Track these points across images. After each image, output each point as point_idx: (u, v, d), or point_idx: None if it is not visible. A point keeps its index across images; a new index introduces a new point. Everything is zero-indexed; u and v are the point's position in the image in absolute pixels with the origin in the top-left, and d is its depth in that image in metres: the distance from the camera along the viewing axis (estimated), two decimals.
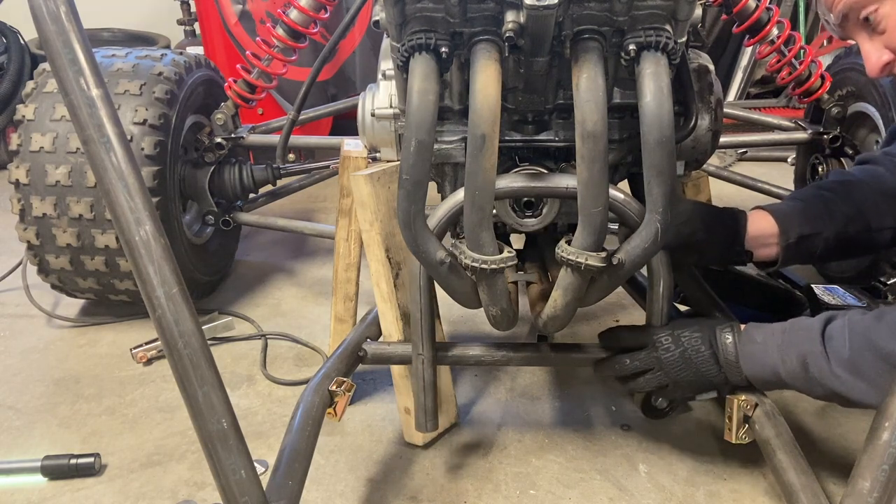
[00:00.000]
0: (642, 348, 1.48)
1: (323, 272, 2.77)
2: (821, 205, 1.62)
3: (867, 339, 1.28)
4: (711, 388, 1.46)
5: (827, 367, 1.32)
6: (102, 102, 1.01)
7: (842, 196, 1.62)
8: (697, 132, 1.48)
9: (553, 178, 1.35)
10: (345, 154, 1.78)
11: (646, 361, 1.47)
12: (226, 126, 2.43)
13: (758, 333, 1.42)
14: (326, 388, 1.47)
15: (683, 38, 1.26)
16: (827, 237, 1.59)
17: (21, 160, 2.10)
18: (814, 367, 1.33)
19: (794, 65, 2.32)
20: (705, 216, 1.59)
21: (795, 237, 1.59)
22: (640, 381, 1.49)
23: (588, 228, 1.25)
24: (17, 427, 1.87)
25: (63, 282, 2.28)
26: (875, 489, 1.11)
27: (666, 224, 1.25)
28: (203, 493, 1.62)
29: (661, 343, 1.45)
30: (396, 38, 1.24)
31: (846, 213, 1.60)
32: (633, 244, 1.30)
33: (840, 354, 1.31)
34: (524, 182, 1.35)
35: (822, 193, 1.65)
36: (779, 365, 1.37)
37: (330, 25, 2.52)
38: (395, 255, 1.65)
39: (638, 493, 1.59)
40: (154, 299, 1.02)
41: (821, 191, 1.67)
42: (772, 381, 1.41)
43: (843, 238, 1.60)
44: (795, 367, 1.36)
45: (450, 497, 1.60)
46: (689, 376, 1.44)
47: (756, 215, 1.62)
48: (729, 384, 1.44)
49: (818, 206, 1.62)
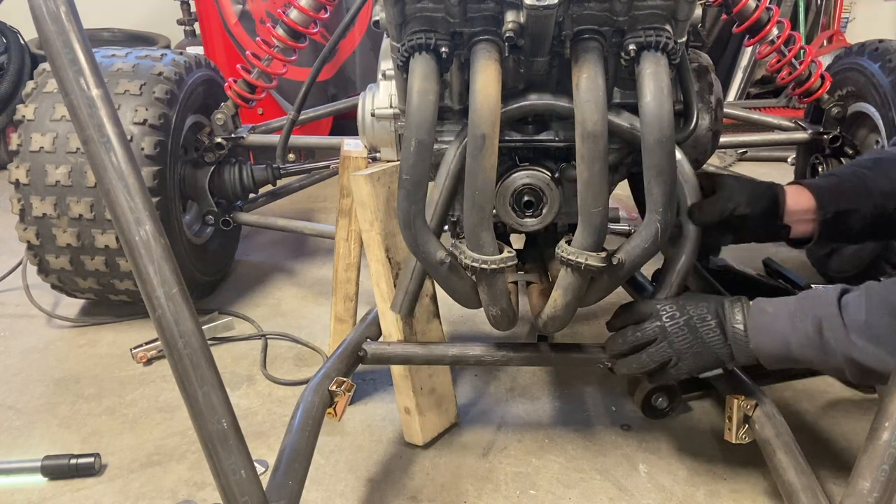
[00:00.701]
0: (646, 320, 1.41)
1: (323, 272, 2.77)
2: (858, 181, 1.53)
3: (887, 302, 1.22)
4: (717, 363, 1.38)
5: (843, 331, 1.24)
6: (102, 102, 1.01)
7: (879, 173, 1.54)
8: (697, 132, 1.48)
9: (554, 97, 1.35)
10: (345, 154, 1.78)
11: (649, 332, 1.39)
12: (226, 126, 2.43)
13: (768, 304, 1.35)
14: (326, 388, 1.47)
15: (683, 38, 1.26)
16: (864, 214, 1.51)
17: (21, 160, 2.10)
18: (828, 332, 1.26)
19: (794, 65, 2.32)
20: (748, 190, 1.50)
21: (833, 212, 1.50)
22: (644, 356, 1.40)
23: (588, 228, 1.25)
24: (17, 427, 1.87)
25: (63, 282, 2.28)
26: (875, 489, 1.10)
27: (666, 224, 1.25)
28: (203, 493, 1.62)
29: (665, 311, 1.39)
30: (396, 38, 1.24)
31: (884, 189, 1.51)
32: (633, 244, 1.30)
33: (856, 319, 1.23)
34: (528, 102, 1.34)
35: (859, 171, 1.57)
36: (789, 334, 1.30)
37: (330, 25, 2.52)
38: (395, 255, 1.65)
39: (638, 493, 1.59)
40: (154, 299, 1.02)
41: (858, 168, 1.59)
42: (781, 355, 1.33)
43: (880, 215, 1.51)
44: (809, 332, 1.28)
45: (450, 497, 1.60)
46: (694, 347, 1.36)
47: (793, 190, 1.54)
48: (734, 360, 1.37)
49: (855, 182, 1.53)
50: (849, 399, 1.91)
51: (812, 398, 1.91)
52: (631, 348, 1.43)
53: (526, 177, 1.43)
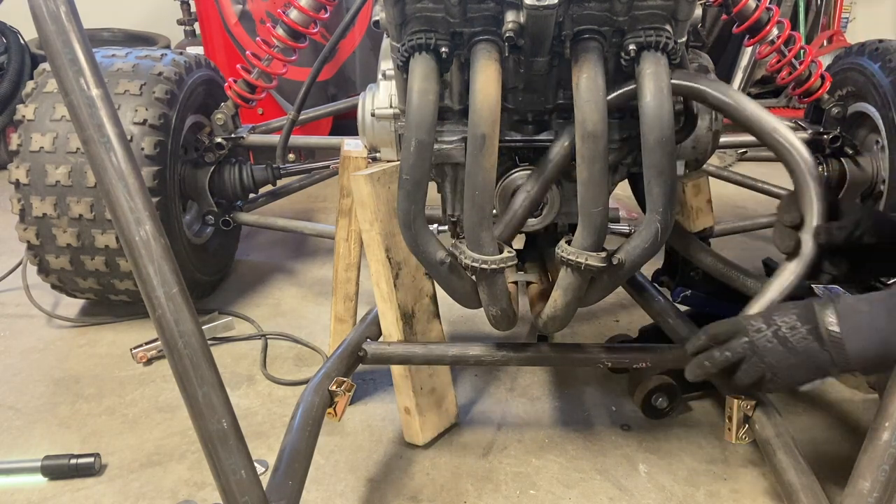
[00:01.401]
0: (733, 338, 1.29)
1: (323, 272, 2.77)
2: None
3: None
4: (818, 371, 1.24)
5: None
6: (102, 102, 1.01)
7: None
8: (697, 132, 1.48)
9: None
10: (345, 154, 1.78)
11: (737, 349, 1.26)
12: (226, 126, 2.43)
13: (863, 303, 1.24)
14: (326, 388, 1.47)
15: (683, 37, 1.26)
16: None
17: (21, 160, 2.10)
18: None
19: (794, 65, 2.32)
20: (879, 220, 1.40)
21: None
22: (738, 375, 1.27)
23: (588, 228, 1.25)
24: (17, 427, 1.87)
25: (63, 282, 2.28)
26: (875, 489, 1.11)
27: (666, 224, 1.25)
28: (203, 493, 1.62)
29: (751, 325, 1.26)
30: (396, 38, 1.24)
31: None
32: (633, 244, 1.30)
33: None
34: None
35: None
36: (892, 332, 1.18)
37: (330, 25, 2.52)
38: (395, 255, 1.65)
39: (638, 493, 1.59)
40: (154, 299, 1.02)
41: None
42: (880, 357, 1.20)
43: None
44: None
45: (450, 497, 1.60)
46: (788, 359, 1.24)
47: None
48: (837, 366, 1.22)
49: None
50: (849, 399, 1.91)
51: (812, 398, 1.91)
52: (719, 371, 1.30)
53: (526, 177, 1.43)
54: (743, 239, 2.89)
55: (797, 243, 1.34)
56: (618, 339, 2.04)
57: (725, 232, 2.49)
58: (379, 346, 1.65)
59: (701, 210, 1.84)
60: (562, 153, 1.37)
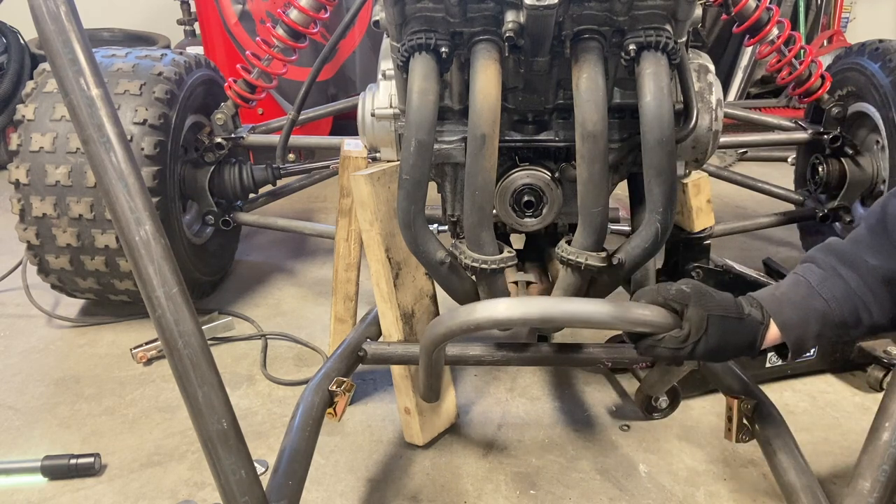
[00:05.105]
0: None
1: (323, 272, 2.77)
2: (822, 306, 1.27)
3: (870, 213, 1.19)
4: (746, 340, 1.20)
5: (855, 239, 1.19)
6: (102, 102, 1.01)
7: None
8: (697, 132, 1.48)
9: None
10: (345, 154, 1.78)
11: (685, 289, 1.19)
12: (226, 126, 2.43)
13: (772, 288, 1.25)
14: (326, 388, 1.47)
15: (683, 37, 1.26)
16: None
17: (21, 160, 2.10)
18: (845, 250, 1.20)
19: (794, 65, 2.32)
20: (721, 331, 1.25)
21: None
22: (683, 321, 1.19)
23: (588, 228, 1.25)
24: (17, 427, 1.87)
25: (63, 282, 2.28)
26: (875, 489, 1.10)
27: (666, 224, 1.25)
28: (203, 493, 1.62)
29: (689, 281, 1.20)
30: (396, 38, 1.24)
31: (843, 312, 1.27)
32: (633, 244, 1.30)
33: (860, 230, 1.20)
34: None
35: None
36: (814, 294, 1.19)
37: (330, 25, 2.52)
38: (395, 255, 1.65)
39: (638, 493, 1.59)
40: (154, 299, 1.02)
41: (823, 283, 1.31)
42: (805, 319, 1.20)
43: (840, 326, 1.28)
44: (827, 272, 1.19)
45: (450, 497, 1.60)
46: (719, 311, 1.17)
47: None
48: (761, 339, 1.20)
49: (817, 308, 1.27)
50: (849, 399, 1.91)
51: (812, 398, 1.91)
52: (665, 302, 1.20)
53: (526, 177, 1.43)
54: (743, 239, 2.89)
55: None
56: (618, 339, 2.04)
57: (725, 232, 2.48)
58: (379, 346, 1.64)
59: (701, 210, 1.84)
60: None
